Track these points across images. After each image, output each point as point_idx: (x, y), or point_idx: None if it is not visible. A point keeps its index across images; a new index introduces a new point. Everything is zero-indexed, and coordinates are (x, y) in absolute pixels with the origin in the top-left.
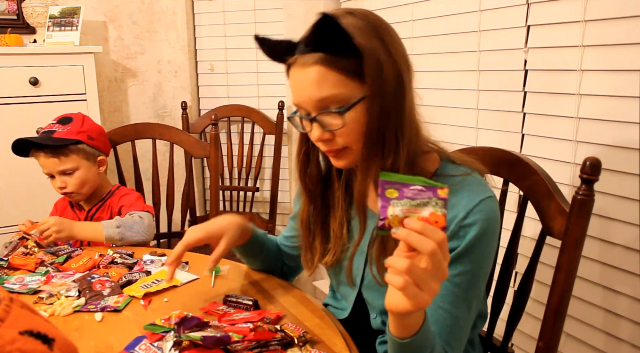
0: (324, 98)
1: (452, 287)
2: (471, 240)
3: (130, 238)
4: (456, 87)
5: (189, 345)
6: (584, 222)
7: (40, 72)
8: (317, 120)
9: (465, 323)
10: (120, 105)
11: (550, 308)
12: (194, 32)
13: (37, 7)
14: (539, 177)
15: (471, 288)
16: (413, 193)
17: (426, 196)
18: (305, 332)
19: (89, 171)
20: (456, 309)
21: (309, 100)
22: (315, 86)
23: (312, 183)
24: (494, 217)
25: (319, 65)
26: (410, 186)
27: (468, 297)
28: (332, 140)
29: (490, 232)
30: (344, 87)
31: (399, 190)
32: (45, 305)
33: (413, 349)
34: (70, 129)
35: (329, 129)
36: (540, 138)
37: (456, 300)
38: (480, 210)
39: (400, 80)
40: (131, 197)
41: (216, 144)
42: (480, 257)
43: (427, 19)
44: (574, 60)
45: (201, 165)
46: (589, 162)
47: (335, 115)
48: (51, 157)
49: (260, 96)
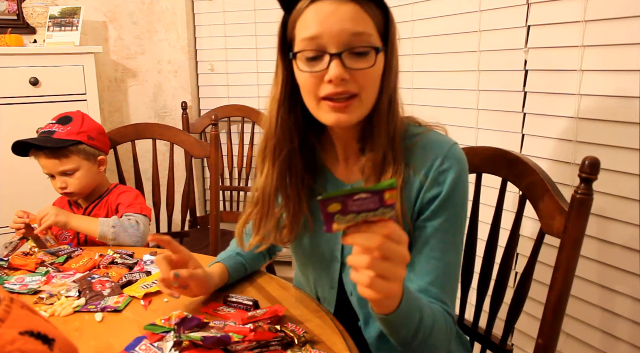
0: (360, 33)
1: (441, 235)
2: (451, 184)
3: (122, 240)
4: (456, 87)
5: (189, 345)
6: (582, 221)
7: (40, 72)
8: (340, 57)
9: (456, 267)
10: (120, 105)
11: (549, 306)
12: (194, 32)
13: (37, 7)
14: (538, 176)
15: (457, 232)
16: (358, 205)
17: (372, 206)
18: (306, 332)
19: (89, 171)
20: (446, 255)
21: (340, 33)
22: (352, 21)
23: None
24: (465, 159)
25: (355, 3)
26: (353, 197)
27: (455, 240)
28: (347, 82)
29: (465, 174)
30: (374, 33)
31: (342, 203)
32: (45, 305)
33: (400, 320)
34: (70, 129)
35: (353, 68)
36: (540, 138)
37: (445, 247)
38: (452, 154)
39: (394, 42)
40: (129, 195)
41: (216, 144)
42: (460, 200)
43: (427, 19)
44: (574, 60)
45: (201, 165)
46: (588, 161)
47: (363, 56)
48: (51, 158)
49: (260, 96)
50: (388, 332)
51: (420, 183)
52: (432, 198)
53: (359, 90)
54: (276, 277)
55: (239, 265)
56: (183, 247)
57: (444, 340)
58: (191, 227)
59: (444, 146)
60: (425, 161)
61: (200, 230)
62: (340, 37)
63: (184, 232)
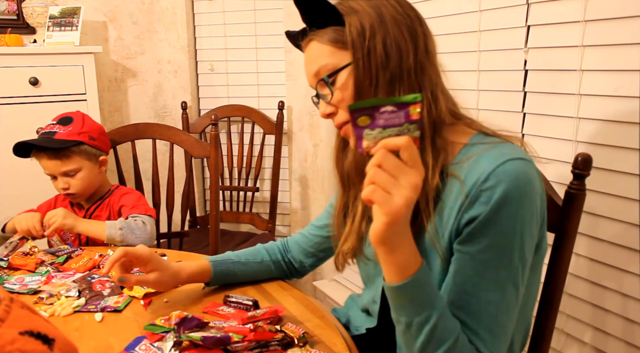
0: (317, 71)
1: (477, 265)
2: (494, 205)
3: (130, 242)
4: (456, 86)
5: (189, 345)
6: (577, 215)
7: (40, 72)
8: (319, 95)
9: (500, 309)
10: (120, 105)
11: (545, 299)
12: (194, 32)
13: (37, 7)
14: None
15: (503, 266)
16: (385, 119)
17: (397, 121)
18: (306, 332)
19: (91, 172)
20: (484, 293)
21: (310, 77)
22: (311, 62)
23: (348, 171)
24: (525, 178)
25: (314, 41)
26: (380, 109)
27: (500, 277)
28: (336, 113)
29: (520, 194)
30: (332, 57)
31: (371, 116)
32: (45, 305)
33: (406, 297)
34: (72, 129)
35: (326, 100)
36: (540, 138)
37: (483, 282)
38: (504, 170)
39: (394, 44)
40: (132, 197)
41: (216, 144)
42: (509, 226)
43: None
44: (574, 60)
45: (201, 165)
46: (581, 157)
47: (325, 86)
48: (53, 159)
49: (260, 96)
50: (393, 314)
51: (461, 202)
52: (470, 220)
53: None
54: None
55: (227, 272)
56: (142, 251)
57: None
58: (191, 227)
59: (498, 159)
60: (472, 176)
61: (200, 230)
62: (312, 81)
63: (184, 232)
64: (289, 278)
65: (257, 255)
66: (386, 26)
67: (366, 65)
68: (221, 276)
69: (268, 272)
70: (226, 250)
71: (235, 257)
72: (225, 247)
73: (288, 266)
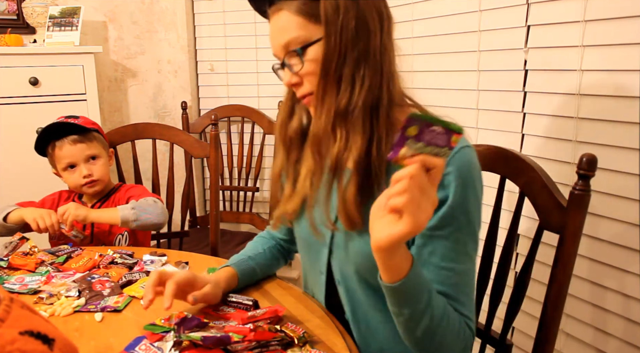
0: (287, 42)
1: (451, 244)
2: (458, 189)
3: (145, 220)
4: (456, 87)
5: (189, 345)
6: (581, 216)
7: (40, 72)
8: (286, 64)
9: (470, 276)
10: (120, 105)
11: (549, 299)
12: (194, 32)
13: (37, 7)
14: (536, 173)
15: (469, 240)
16: (431, 137)
17: (441, 142)
18: (306, 332)
19: (106, 161)
20: (459, 265)
21: (278, 46)
22: (281, 31)
23: (292, 136)
24: (476, 163)
25: (285, 11)
26: (431, 126)
27: (468, 249)
28: (301, 83)
29: (475, 177)
30: (304, 30)
31: (420, 129)
32: (45, 305)
33: (408, 290)
34: (84, 120)
35: (294, 71)
36: (540, 138)
37: (458, 256)
38: (460, 156)
39: (363, 24)
40: (138, 189)
41: (216, 144)
42: (472, 205)
43: (427, 19)
44: (574, 60)
45: (201, 165)
46: (585, 158)
47: (296, 57)
48: (78, 142)
49: (260, 96)
50: (393, 309)
51: None
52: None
53: (312, 87)
54: (277, 277)
55: (249, 269)
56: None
57: (456, 346)
58: (191, 227)
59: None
60: None
61: (200, 230)
62: (279, 50)
63: (184, 232)
64: (291, 259)
65: (257, 247)
66: (358, 4)
67: (337, 42)
68: (246, 275)
69: (274, 259)
70: (226, 250)
71: (243, 254)
72: (225, 247)
73: (282, 249)
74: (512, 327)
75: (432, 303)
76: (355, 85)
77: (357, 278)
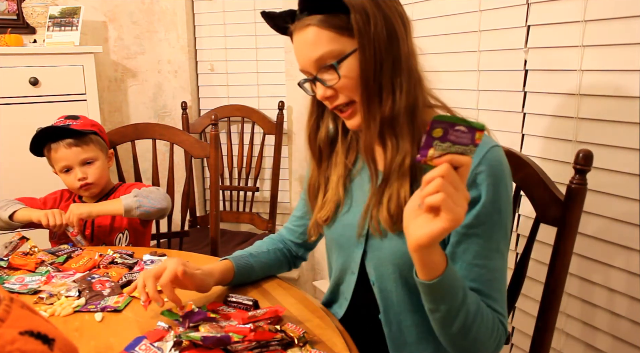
0: (320, 57)
1: (484, 242)
2: (490, 187)
3: (148, 206)
4: (456, 87)
5: (189, 345)
6: (578, 209)
7: (40, 72)
8: (318, 79)
9: (502, 273)
10: (120, 105)
11: (549, 291)
12: (194, 32)
13: (37, 7)
14: (531, 169)
15: (501, 237)
16: (456, 136)
17: (465, 141)
18: (306, 332)
19: (104, 163)
20: (492, 262)
21: (308, 62)
22: (311, 46)
23: (321, 146)
24: (506, 161)
25: (313, 26)
26: (455, 126)
27: (500, 246)
28: (335, 96)
29: (506, 175)
30: (336, 44)
31: (445, 129)
32: (45, 305)
33: (444, 288)
34: (83, 122)
35: (329, 85)
36: (540, 138)
37: (490, 254)
38: (492, 155)
39: (392, 31)
40: (138, 185)
41: (216, 143)
42: (504, 203)
43: (427, 19)
44: (574, 60)
45: (201, 165)
46: (582, 153)
47: (331, 70)
48: (74, 146)
49: (260, 96)
50: (430, 306)
51: None
52: (471, 203)
53: (348, 97)
54: (277, 277)
55: (247, 266)
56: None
57: (489, 341)
58: (191, 227)
59: (484, 146)
60: None
61: (200, 230)
62: (310, 64)
63: (184, 231)
64: (296, 266)
65: (262, 246)
66: (384, 12)
67: (372, 52)
68: (243, 271)
69: (277, 261)
70: (226, 250)
71: (246, 252)
72: (225, 247)
73: (289, 254)
74: (512, 327)
75: (467, 300)
76: (395, 92)
77: (394, 278)
